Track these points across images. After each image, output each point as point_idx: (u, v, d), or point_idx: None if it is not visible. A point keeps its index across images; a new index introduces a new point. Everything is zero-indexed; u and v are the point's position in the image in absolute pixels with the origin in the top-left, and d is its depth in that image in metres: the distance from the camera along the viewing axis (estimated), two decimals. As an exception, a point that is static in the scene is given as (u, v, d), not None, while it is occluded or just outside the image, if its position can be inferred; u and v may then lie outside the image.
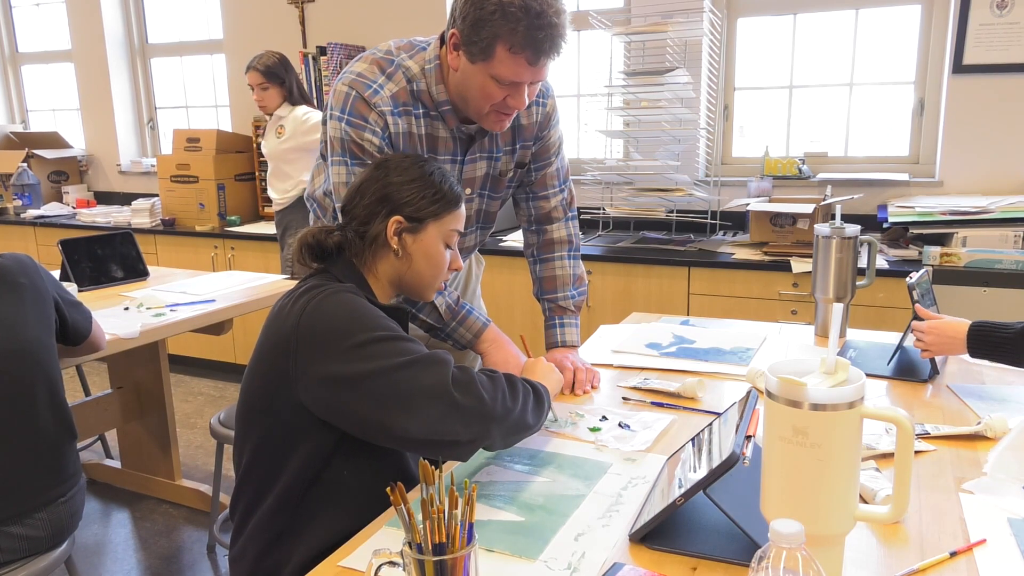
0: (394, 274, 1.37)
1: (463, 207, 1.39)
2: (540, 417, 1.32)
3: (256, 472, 1.26)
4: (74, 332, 1.90)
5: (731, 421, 1.12)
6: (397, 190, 1.33)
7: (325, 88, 4.02)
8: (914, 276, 1.68)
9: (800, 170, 3.38)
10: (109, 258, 2.90)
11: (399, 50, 1.58)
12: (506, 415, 1.21)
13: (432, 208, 1.34)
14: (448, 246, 1.39)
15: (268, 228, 4.10)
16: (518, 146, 1.71)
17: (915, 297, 1.65)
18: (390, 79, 1.55)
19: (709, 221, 3.52)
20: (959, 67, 3.09)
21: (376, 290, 1.36)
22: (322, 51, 4.00)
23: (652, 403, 1.57)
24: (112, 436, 3.37)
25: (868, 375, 1.59)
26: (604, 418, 1.49)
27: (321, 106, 3.91)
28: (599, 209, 3.58)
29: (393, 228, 1.32)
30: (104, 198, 5.25)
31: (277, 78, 3.54)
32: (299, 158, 3.59)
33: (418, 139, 1.58)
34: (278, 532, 1.23)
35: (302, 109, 3.57)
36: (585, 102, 3.88)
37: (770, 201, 3.25)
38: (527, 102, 1.51)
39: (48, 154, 5.09)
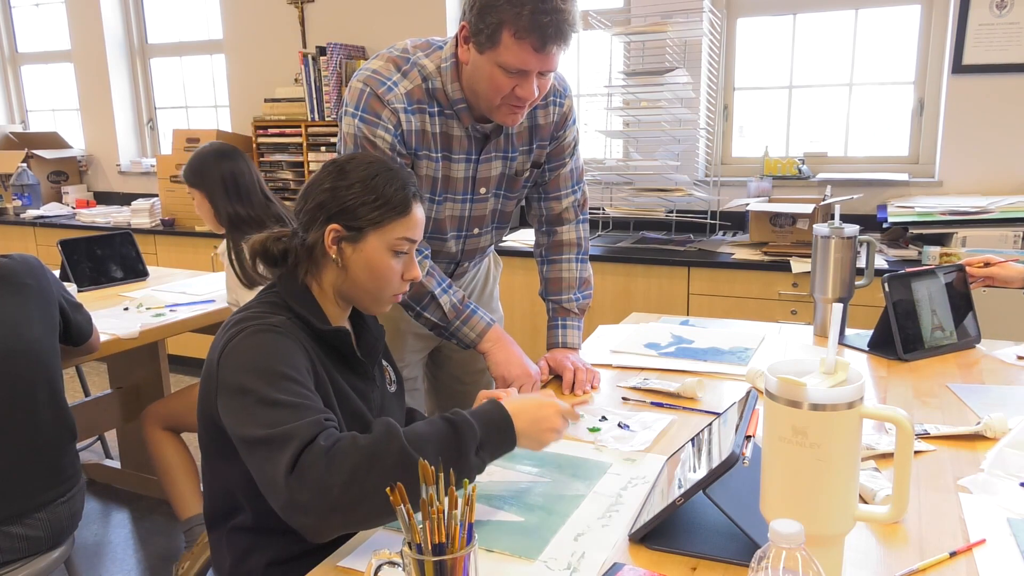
0: (338, 285, 1.28)
1: (417, 212, 1.27)
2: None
3: (214, 488, 1.27)
4: (77, 333, 1.92)
5: (731, 421, 1.12)
6: (336, 195, 1.23)
7: (325, 88, 4.02)
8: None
9: (800, 170, 3.38)
10: (109, 258, 2.90)
11: (415, 48, 1.58)
12: (355, 503, 1.02)
13: (372, 215, 1.22)
14: (398, 254, 1.26)
15: (268, 228, 4.09)
16: (534, 146, 1.71)
17: (886, 288, 1.78)
18: (405, 76, 1.55)
19: (709, 221, 3.52)
20: (959, 67, 3.09)
21: (324, 303, 1.28)
22: (322, 51, 4.00)
23: (652, 403, 1.57)
24: (112, 436, 3.37)
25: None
26: (604, 418, 1.49)
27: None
28: (599, 209, 3.58)
29: (331, 237, 1.23)
30: (104, 198, 5.25)
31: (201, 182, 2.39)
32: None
33: (432, 137, 1.58)
34: (244, 549, 1.24)
35: None
36: (585, 102, 3.87)
37: (770, 201, 3.25)
38: (537, 93, 1.48)
39: (48, 154, 5.09)
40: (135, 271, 2.96)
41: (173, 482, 2.43)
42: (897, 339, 1.76)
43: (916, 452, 1.30)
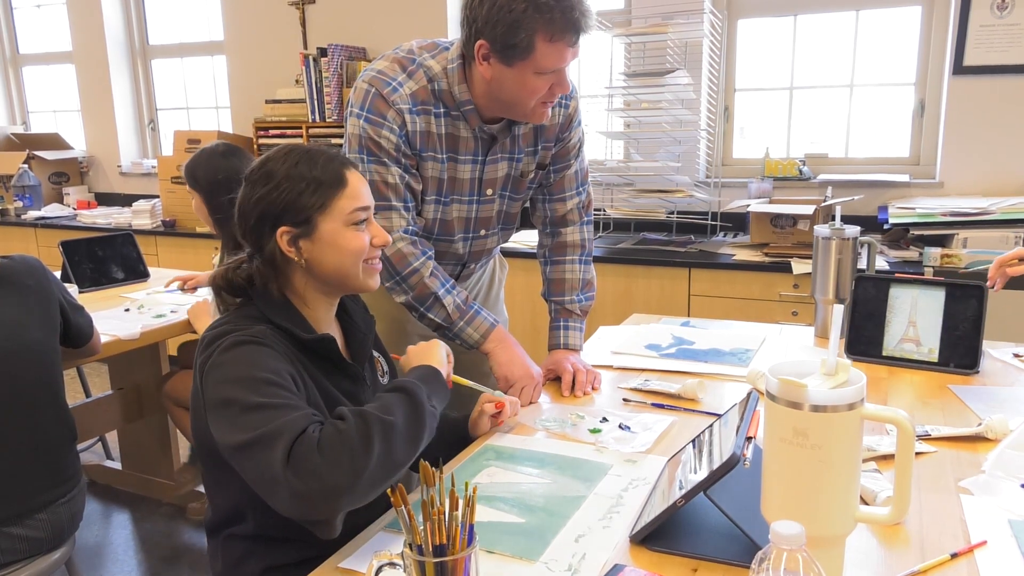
0: (315, 283, 1.25)
1: (353, 178, 1.24)
2: (416, 442, 1.14)
3: (217, 501, 1.27)
4: (77, 335, 1.91)
5: (731, 422, 1.12)
6: (270, 200, 1.19)
7: (326, 89, 4.02)
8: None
9: (800, 171, 3.38)
10: (110, 259, 2.90)
11: (421, 49, 1.59)
12: (356, 478, 1.02)
13: (312, 201, 1.19)
14: (358, 225, 1.23)
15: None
16: (539, 147, 1.71)
17: (852, 286, 1.80)
18: (411, 77, 1.56)
19: (709, 222, 3.52)
20: (959, 68, 3.09)
21: (305, 308, 1.25)
22: (323, 52, 4.00)
23: (652, 404, 1.57)
24: (112, 437, 3.37)
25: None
26: (605, 419, 1.49)
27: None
28: (600, 210, 3.58)
29: (284, 240, 1.20)
30: (105, 199, 5.25)
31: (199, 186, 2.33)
32: None
33: (438, 138, 1.59)
34: (239, 556, 1.24)
35: None
36: (586, 103, 3.87)
37: (770, 202, 3.25)
38: (570, 85, 1.55)
39: (49, 155, 5.09)
40: (136, 272, 2.96)
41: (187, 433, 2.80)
42: (844, 335, 1.79)
43: (917, 453, 1.30)
